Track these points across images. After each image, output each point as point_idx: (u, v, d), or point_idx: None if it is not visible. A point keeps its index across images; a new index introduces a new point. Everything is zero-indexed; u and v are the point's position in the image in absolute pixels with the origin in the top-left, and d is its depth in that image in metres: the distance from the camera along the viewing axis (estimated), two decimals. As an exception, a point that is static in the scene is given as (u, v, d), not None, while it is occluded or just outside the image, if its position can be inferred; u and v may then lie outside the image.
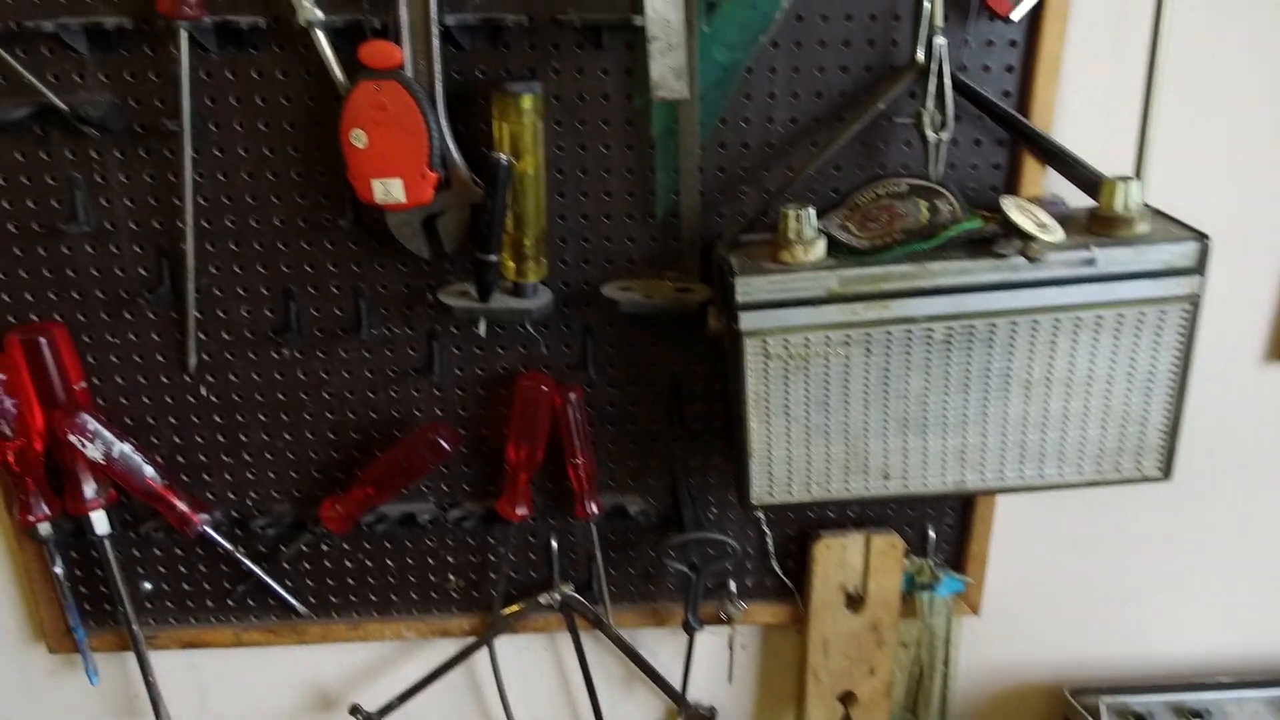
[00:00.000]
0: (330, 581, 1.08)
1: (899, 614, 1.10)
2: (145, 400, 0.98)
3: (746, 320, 0.84)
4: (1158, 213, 0.88)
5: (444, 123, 0.85)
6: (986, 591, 1.12)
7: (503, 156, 0.83)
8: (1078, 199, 0.89)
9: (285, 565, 1.06)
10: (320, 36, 0.83)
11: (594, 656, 1.13)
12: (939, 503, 1.07)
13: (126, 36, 0.84)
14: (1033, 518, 1.12)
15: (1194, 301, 0.84)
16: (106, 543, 1.00)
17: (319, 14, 0.82)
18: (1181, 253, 0.83)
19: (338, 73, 0.84)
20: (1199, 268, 0.83)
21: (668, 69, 0.78)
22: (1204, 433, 1.08)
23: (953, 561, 1.10)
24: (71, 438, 0.90)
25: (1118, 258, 0.83)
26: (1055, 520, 1.12)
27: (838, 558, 1.07)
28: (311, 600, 1.09)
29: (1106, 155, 0.94)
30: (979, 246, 0.84)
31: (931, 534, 1.08)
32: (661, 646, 1.14)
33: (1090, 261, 0.83)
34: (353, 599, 1.09)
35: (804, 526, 1.08)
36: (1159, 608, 1.18)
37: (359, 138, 0.82)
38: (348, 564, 1.07)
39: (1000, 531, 1.10)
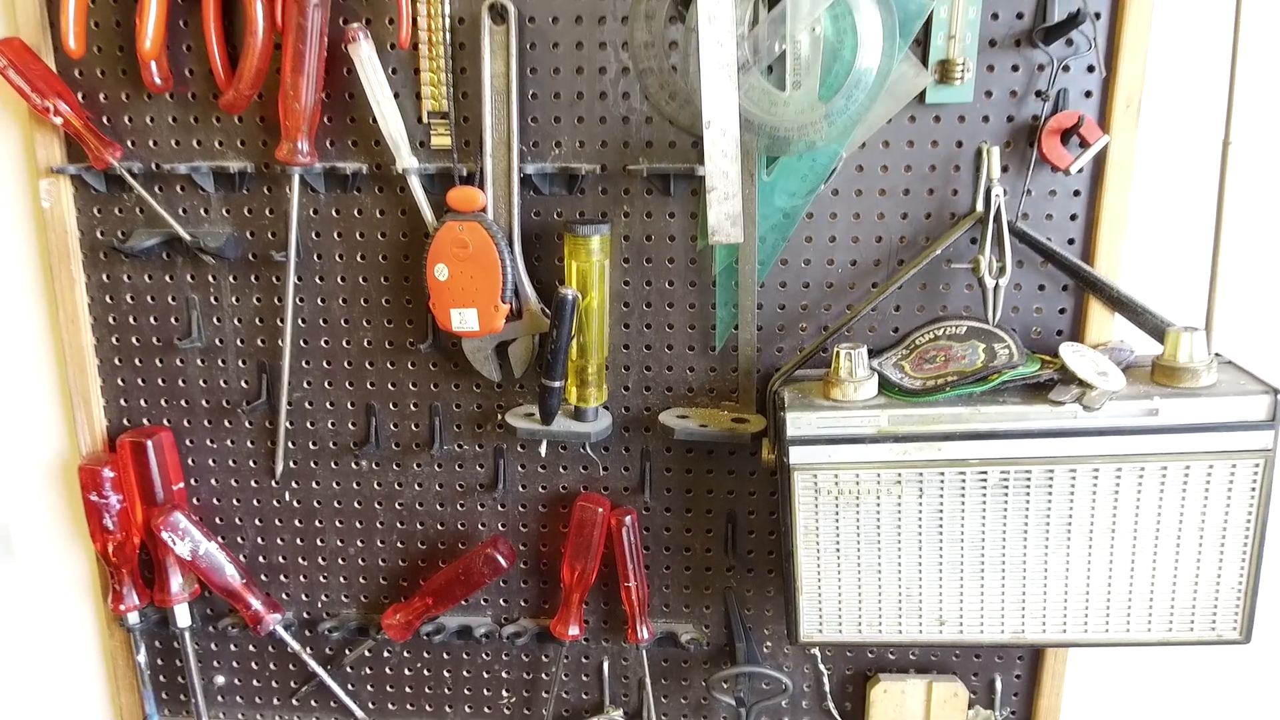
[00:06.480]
0: (389, 689, 1.11)
1: (963, 769, 1.04)
2: (235, 502, 1.05)
3: (797, 454, 0.85)
4: (1229, 363, 0.87)
5: (519, 259, 0.92)
6: (1060, 752, 1.06)
7: (569, 292, 0.88)
8: (1148, 345, 0.88)
9: (348, 669, 1.10)
10: (414, 182, 0.92)
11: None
12: (1006, 651, 1.03)
13: (247, 178, 0.95)
14: (1110, 673, 1.05)
15: (1267, 456, 0.81)
16: (186, 634, 1.06)
17: (415, 162, 0.91)
18: (1250, 406, 0.81)
19: (428, 214, 0.92)
20: (1271, 421, 0.81)
21: (724, 216, 0.83)
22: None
23: (1022, 716, 1.05)
24: (164, 534, 0.98)
25: (1182, 409, 0.81)
26: (1134, 677, 1.05)
27: (896, 703, 1.03)
28: (370, 706, 1.11)
29: (1177, 302, 0.93)
30: (1036, 392, 0.84)
31: (999, 684, 1.04)
32: (711, 783, 1.11)
33: (1153, 412, 0.82)
34: (409, 708, 1.11)
35: (862, 667, 1.05)
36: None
37: (441, 271, 0.90)
38: (406, 672, 1.10)
39: (1074, 686, 1.04)
